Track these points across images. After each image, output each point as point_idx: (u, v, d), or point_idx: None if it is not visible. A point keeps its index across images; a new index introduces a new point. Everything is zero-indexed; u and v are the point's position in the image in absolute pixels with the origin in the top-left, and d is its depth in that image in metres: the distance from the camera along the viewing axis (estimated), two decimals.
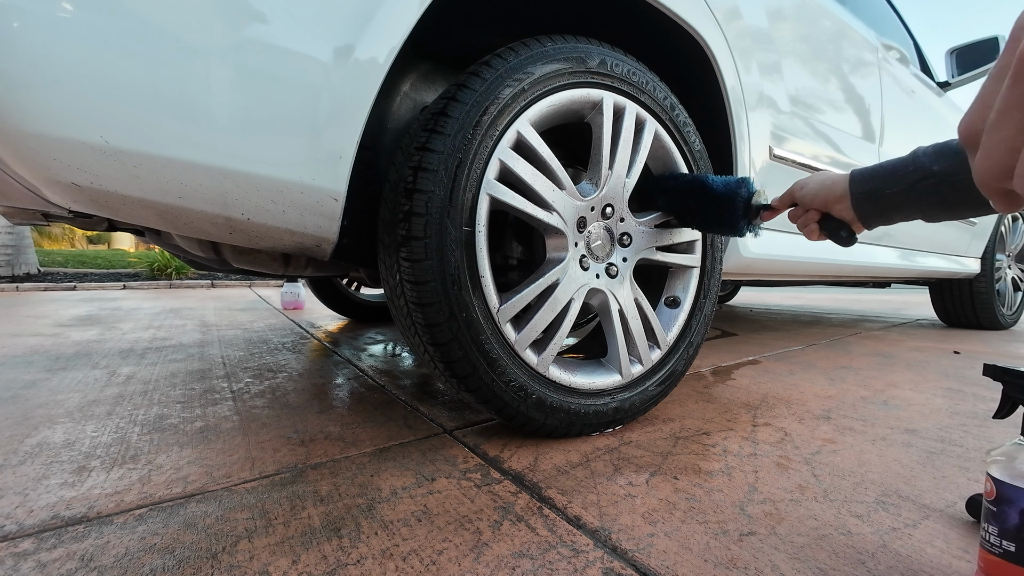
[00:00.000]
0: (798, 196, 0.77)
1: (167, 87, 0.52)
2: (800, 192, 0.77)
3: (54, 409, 1.00)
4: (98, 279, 5.13)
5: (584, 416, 0.84)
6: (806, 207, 0.76)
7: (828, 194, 0.72)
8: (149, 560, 0.51)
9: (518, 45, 0.78)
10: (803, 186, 0.76)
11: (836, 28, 1.47)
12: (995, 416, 0.54)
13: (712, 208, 0.85)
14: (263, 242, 0.68)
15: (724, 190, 0.84)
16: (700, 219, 0.90)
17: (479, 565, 0.51)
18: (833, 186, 0.72)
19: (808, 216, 0.76)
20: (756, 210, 0.82)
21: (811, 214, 0.75)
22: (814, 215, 0.75)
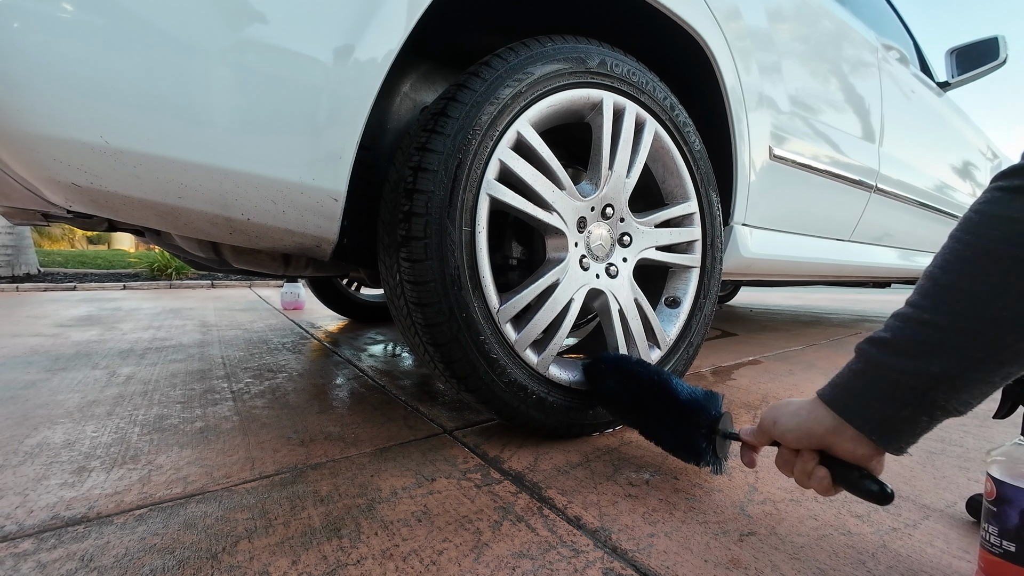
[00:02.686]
0: (775, 435, 0.55)
1: (167, 87, 0.52)
2: (776, 430, 0.55)
3: (54, 409, 1.00)
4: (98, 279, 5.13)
5: (584, 416, 0.83)
6: (792, 447, 0.54)
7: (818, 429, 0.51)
8: (149, 560, 0.51)
9: (518, 45, 0.78)
10: (775, 421, 0.55)
11: (836, 28, 1.47)
12: (995, 416, 0.54)
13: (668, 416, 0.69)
14: (263, 242, 0.68)
15: (687, 398, 0.67)
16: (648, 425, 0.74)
17: (479, 565, 0.51)
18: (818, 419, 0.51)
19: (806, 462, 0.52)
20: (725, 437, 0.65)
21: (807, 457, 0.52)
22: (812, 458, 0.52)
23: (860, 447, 0.48)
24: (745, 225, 1.22)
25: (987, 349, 0.42)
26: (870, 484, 0.48)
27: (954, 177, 2.17)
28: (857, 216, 1.62)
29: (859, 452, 0.48)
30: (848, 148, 1.51)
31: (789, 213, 1.36)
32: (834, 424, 0.49)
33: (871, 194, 1.63)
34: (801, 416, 0.52)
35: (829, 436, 0.50)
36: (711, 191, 1.02)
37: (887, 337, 0.47)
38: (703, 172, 1.01)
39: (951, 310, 0.43)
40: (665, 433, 0.71)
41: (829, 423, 0.50)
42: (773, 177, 1.24)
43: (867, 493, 0.48)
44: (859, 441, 0.48)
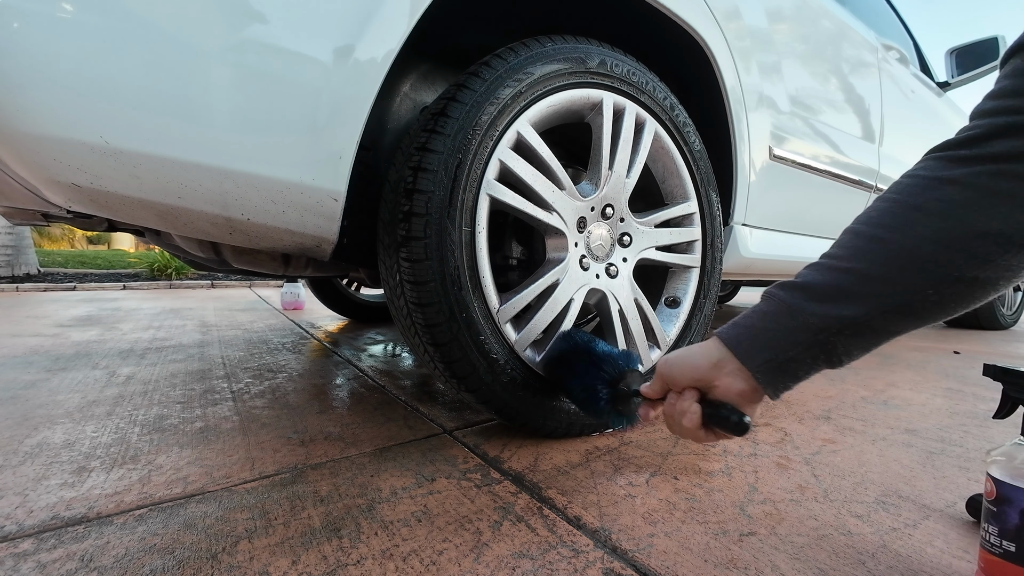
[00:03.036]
0: (666, 376, 0.54)
1: (167, 87, 0.52)
2: (666, 369, 0.54)
3: (54, 409, 1.00)
4: (98, 279, 5.13)
5: (584, 416, 0.83)
6: (678, 386, 0.53)
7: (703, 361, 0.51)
8: (149, 561, 0.51)
9: (518, 45, 0.78)
10: (666, 361, 0.55)
11: (836, 28, 1.47)
12: (995, 416, 0.54)
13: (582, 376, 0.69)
14: (263, 242, 0.68)
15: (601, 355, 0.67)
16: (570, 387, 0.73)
17: (479, 565, 0.51)
18: (706, 352, 0.51)
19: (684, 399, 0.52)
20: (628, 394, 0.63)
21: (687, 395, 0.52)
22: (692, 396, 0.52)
23: (739, 382, 0.49)
24: (745, 225, 1.22)
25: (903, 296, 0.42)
26: (731, 414, 0.48)
27: None
28: None
29: (736, 388, 0.49)
30: (848, 148, 1.51)
31: (789, 213, 1.36)
32: (720, 357, 0.50)
33: (871, 194, 1.63)
34: (691, 352, 0.53)
35: (712, 370, 0.50)
36: (711, 191, 1.02)
37: (799, 282, 0.47)
38: (703, 172, 1.01)
39: (872, 259, 0.44)
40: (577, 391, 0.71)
41: (716, 356, 0.50)
42: (773, 177, 1.24)
43: (727, 423, 0.48)
44: (740, 375, 0.49)
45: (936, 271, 0.41)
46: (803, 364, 0.46)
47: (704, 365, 0.51)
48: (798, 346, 0.46)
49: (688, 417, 0.51)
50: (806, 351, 0.46)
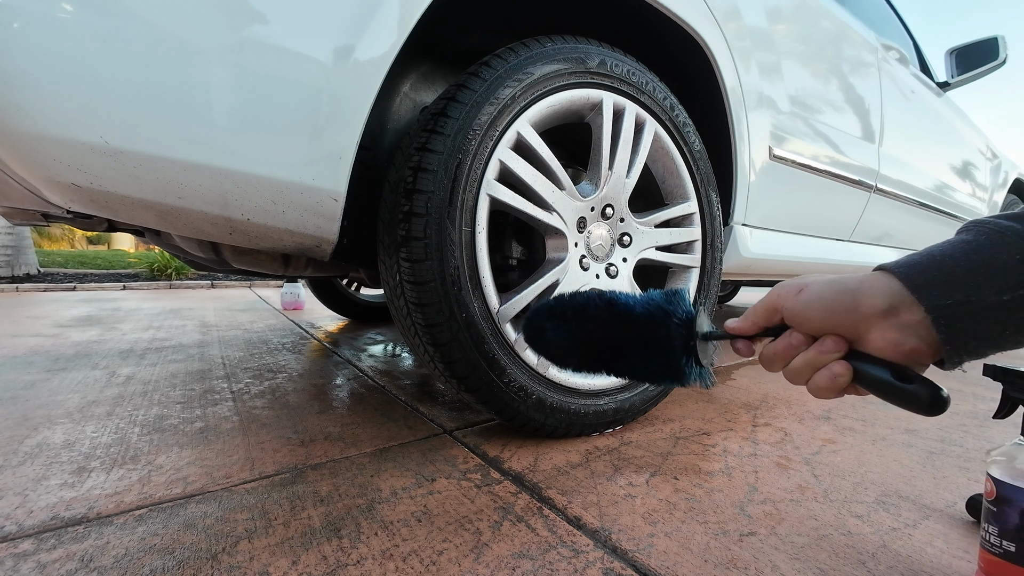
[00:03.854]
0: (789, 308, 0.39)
1: (167, 87, 0.52)
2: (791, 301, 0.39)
3: (54, 410, 1.00)
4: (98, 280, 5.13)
5: (584, 416, 0.84)
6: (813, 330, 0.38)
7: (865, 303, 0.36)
8: (149, 561, 0.51)
9: (518, 45, 0.78)
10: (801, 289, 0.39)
11: (836, 28, 1.47)
12: (995, 416, 0.54)
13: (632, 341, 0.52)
14: (263, 242, 0.68)
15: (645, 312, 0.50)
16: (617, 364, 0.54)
17: (479, 565, 0.51)
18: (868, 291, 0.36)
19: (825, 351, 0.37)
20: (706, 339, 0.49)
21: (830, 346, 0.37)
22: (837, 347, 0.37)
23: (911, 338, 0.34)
24: (745, 225, 1.22)
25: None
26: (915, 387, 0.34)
27: (954, 177, 2.17)
28: (857, 216, 1.62)
29: (905, 347, 0.34)
30: (848, 148, 1.51)
31: (789, 213, 1.36)
32: (892, 301, 0.35)
33: (871, 194, 1.63)
34: (842, 286, 0.37)
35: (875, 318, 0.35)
36: (711, 191, 1.02)
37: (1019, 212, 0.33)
38: (703, 172, 1.01)
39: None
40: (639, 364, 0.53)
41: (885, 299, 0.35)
42: (773, 177, 1.24)
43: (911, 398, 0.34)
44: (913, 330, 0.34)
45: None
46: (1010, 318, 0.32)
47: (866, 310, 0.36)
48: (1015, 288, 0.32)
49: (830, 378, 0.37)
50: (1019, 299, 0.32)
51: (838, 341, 0.37)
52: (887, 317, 0.35)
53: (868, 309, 0.36)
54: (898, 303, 0.35)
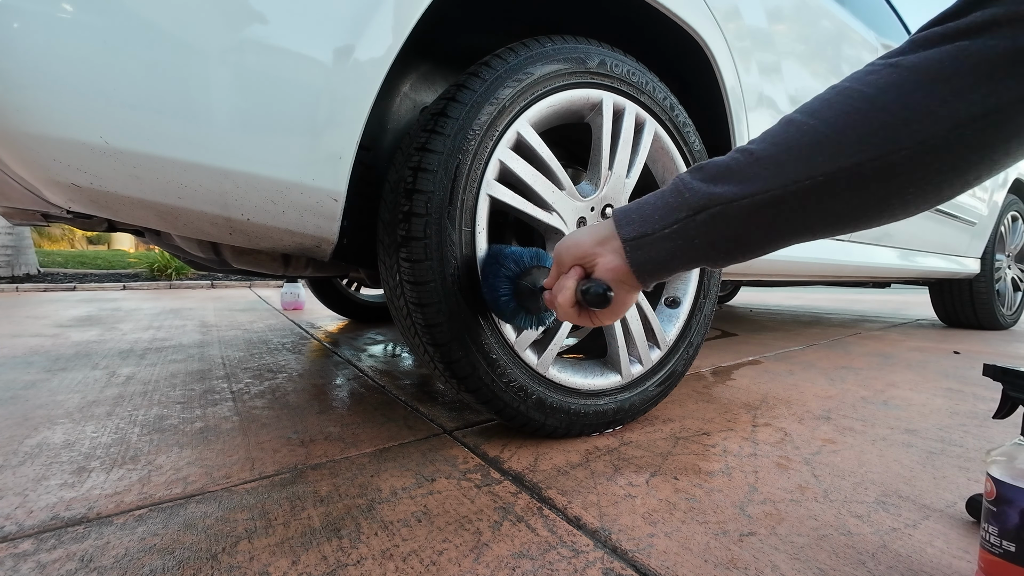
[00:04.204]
0: (556, 257, 0.54)
1: (167, 88, 0.52)
2: (557, 249, 0.54)
3: (54, 410, 1.00)
4: (98, 280, 5.13)
5: (584, 416, 0.84)
6: (565, 267, 0.53)
7: (588, 238, 0.50)
8: (149, 561, 0.51)
9: (518, 46, 0.78)
10: (560, 242, 0.54)
11: (836, 28, 1.47)
12: (995, 416, 0.54)
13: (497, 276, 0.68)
14: (263, 242, 0.68)
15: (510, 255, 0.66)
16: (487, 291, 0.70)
17: (479, 565, 0.51)
18: (594, 229, 0.51)
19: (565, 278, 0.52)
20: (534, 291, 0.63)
21: (570, 274, 0.52)
22: (575, 274, 0.51)
23: (616, 258, 0.48)
24: None
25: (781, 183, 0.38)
26: (596, 287, 0.49)
27: None
28: None
29: (612, 264, 0.48)
30: None
31: None
32: (606, 234, 0.49)
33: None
34: (582, 232, 0.52)
35: (596, 247, 0.50)
36: None
37: (705, 163, 0.45)
38: None
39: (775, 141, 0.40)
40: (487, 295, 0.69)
41: (603, 233, 0.50)
42: None
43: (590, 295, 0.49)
44: (618, 253, 0.48)
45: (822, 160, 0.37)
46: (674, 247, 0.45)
47: (588, 241, 0.50)
48: (672, 224, 0.44)
49: (563, 294, 0.51)
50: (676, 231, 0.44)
51: (577, 270, 0.51)
52: (603, 244, 0.49)
53: (590, 241, 0.50)
54: (609, 235, 0.49)
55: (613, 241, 0.49)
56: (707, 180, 0.43)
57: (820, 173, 0.37)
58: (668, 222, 0.44)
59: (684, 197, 0.44)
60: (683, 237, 0.44)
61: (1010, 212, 2.65)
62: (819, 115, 0.38)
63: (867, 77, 0.37)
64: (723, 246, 0.43)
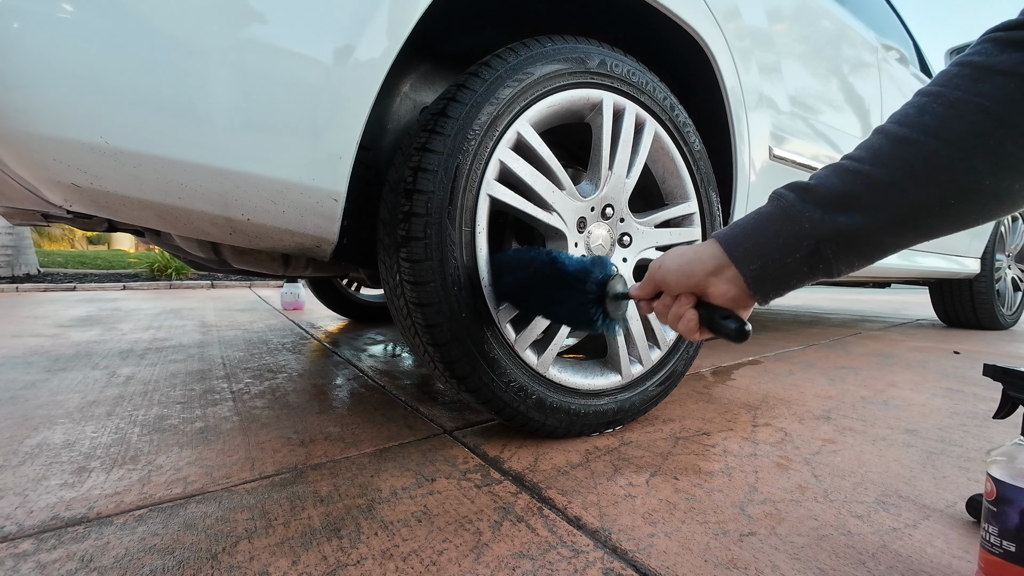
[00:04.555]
0: (659, 281, 0.54)
1: (167, 88, 0.52)
2: (659, 273, 0.53)
3: (54, 410, 1.00)
4: (98, 280, 5.13)
5: (584, 416, 0.84)
6: (673, 292, 0.52)
7: (699, 268, 0.50)
8: (149, 561, 0.51)
9: (518, 46, 0.78)
10: (660, 265, 0.54)
11: (836, 28, 1.47)
12: (995, 416, 0.54)
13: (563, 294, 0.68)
14: (263, 242, 0.68)
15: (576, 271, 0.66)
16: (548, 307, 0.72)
17: (479, 565, 0.51)
18: (702, 258, 0.50)
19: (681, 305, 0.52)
20: (616, 299, 0.65)
21: (683, 301, 0.51)
22: (688, 301, 0.51)
23: (733, 288, 0.48)
24: None
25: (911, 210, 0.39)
26: (730, 323, 0.48)
27: None
28: None
29: (730, 294, 0.48)
30: (848, 148, 1.51)
31: None
32: (716, 264, 0.48)
33: None
34: (686, 256, 0.51)
35: (709, 276, 0.49)
36: (711, 191, 1.02)
37: (810, 184, 0.44)
38: (703, 172, 1.01)
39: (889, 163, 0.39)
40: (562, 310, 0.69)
41: (712, 263, 0.49)
42: (773, 177, 1.24)
43: (725, 330, 0.48)
44: (734, 283, 0.48)
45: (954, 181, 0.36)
46: (797, 272, 0.45)
47: (700, 272, 0.50)
48: (793, 253, 0.44)
49: (685, 323, 0.51)
50: (801, 259, 0.44)
51: (689, 296, 0.51)
52: (717, 274, 0.49)
53: (702, 271, 0.49)
54: (723, 265, 0.48)
55: (728, 271, 0.48)
56: (826, 207, 0.42)
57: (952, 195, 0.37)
58: (790, 253, 0.44)
59: (804, 228, 0.43)
60: (808, 265, 0.44)
61: None
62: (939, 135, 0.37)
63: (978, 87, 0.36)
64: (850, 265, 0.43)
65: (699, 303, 0.51)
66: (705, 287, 0.49)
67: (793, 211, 0.44)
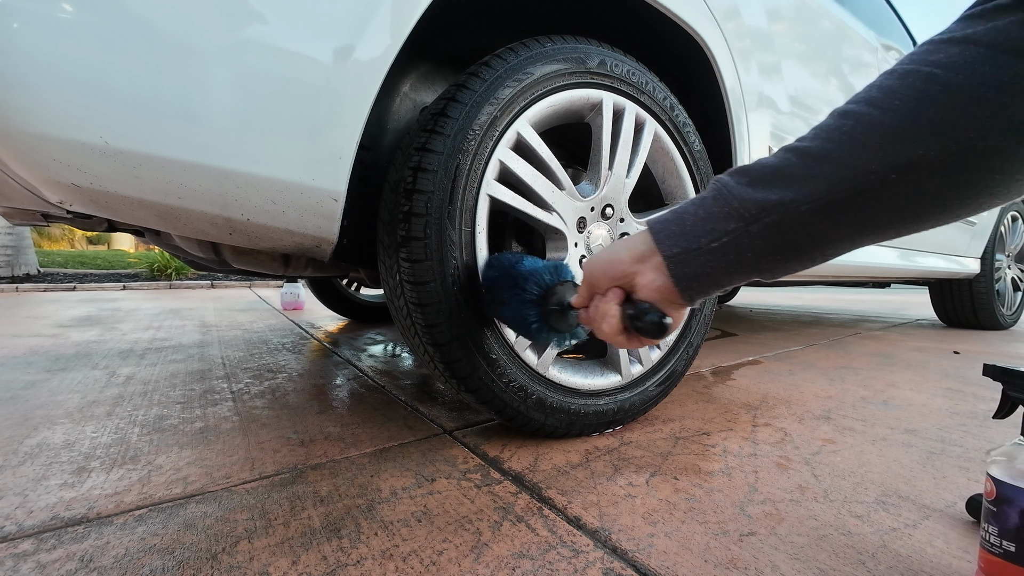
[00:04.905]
0: (588, 278, 0.49)
1: (167, 88, 0.52)
2: (587, 268, 0.49)
3: (54, 410, 1.00)
4: (98, 280, 5.13)
5: (584, 416, 0.84)
6: (602, 288, 0.48)
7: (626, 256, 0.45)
8: (149, 561, 0.51)
9: (518, 46, 0.78)
10: (590, 261, 0.50)
11: (836, 28, 1.47)
12: (995, 416, 0.54)
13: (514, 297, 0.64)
14: (263, 243, 0.68)
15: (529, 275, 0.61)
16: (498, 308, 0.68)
17: (479, 565, 0.51)
18: (630, 246, 0.46)
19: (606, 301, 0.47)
20: (560, 309, 0.59)
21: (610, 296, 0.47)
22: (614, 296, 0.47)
23: (659, 277, 0.43)
24: None
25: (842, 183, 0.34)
26: (651, 316, 0.44)
27: None
28: None
29: (656, 283, 0.44)
30: None
31: None
32: (644, 250, 0.44)
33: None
34: (615, 246, 0.47)
35: (635, 264, 0.45)
36: None
37: (748, 166, 0.40)
38: (703, 172, 1.01)
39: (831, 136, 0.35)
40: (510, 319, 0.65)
41: (640, 249, 0.45)
42: None
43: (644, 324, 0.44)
44: (660, 271, 0.43)
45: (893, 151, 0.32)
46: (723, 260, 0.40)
47: (627, 259, 0.45)
48: (719, 237, 0.40)
49: (608, 321, 0.46)
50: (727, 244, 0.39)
51: (616, 291, 0.47)
52: (643, 261, 0.44)
53: (628, 258, 0.45)
54: (649, 252, 0.44)
55: (653, 258, 0.44)
56: (756, 185, 0.38)
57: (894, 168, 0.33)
58: (715, 235, 0.40)
59: (732, 206, 0.39)
60: (734, 251, 0.39)
61: (1010, 212, 2.65)
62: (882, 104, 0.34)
63: (931, 58, 0.33)
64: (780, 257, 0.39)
65: (627, 299, 0.47)
66: (632, 277, 0.45)
67: (725, 191, 0.40)
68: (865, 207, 0.35)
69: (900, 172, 0.33)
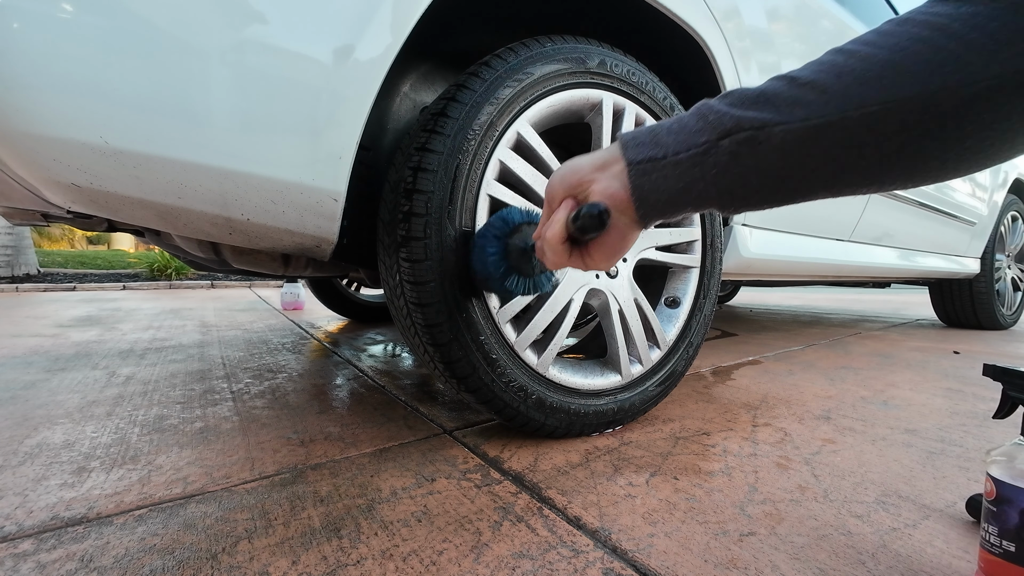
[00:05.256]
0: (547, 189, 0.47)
1: (167, 88, 0.52)
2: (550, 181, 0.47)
3: (54, 410, 1.00)
4: (98, 280, 5.13)
5: (584, 416, 0.84)
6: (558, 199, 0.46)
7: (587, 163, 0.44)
8: (149, 561, 0.51)
9: (518, 46, 0.78)
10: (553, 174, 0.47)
11: (836, 28, 1.47)
12: (995, 416, 0.54)
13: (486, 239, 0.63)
14: (263, 242, 0.68)
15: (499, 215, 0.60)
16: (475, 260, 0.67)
17: (479, 565, 0.51)
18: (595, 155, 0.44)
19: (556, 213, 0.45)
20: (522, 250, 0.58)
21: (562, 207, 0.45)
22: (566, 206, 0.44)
23: (615, 183, 0.41)
24: (745, 225, 1.22)
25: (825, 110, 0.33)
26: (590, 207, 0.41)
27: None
28: (857, 216, 1.62)
29: (610, 190, 0.41)
30: None
31: (789, 213, 1.36)
32: (607, 158, 0.42)
33: (871, 194, 1.63)
34: (581, 157, 0.45)
35: (595, 172, 0.42)
36: None
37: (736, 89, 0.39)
38: None
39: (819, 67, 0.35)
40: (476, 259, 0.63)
41: (603, 156, 0.43)
42: None
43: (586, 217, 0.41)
44: (618, 178, 0.41)
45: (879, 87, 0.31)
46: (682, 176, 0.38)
47: (587, 167, 0.43)
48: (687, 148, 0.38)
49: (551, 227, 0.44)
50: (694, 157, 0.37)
51: (569, 202, 0.44)
52: (604, 169, 0.42)
53: (589, 166, 0.43)
54: (613, 159, 0.42)
55: (616, 165, 0.41)
56: (737, 104, 0.37)
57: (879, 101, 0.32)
58: (684, 146, 0.38)
59: (708, 120, 0.38)
60: (700, 165, 0.37)
61: (1010, 212, 2.65)
62: (877, 43, 0.33)
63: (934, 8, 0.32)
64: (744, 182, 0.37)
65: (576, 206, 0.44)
66: (589, 184, 0.43)
67: (705, 108, 0.39)
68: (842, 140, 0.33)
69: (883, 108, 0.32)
